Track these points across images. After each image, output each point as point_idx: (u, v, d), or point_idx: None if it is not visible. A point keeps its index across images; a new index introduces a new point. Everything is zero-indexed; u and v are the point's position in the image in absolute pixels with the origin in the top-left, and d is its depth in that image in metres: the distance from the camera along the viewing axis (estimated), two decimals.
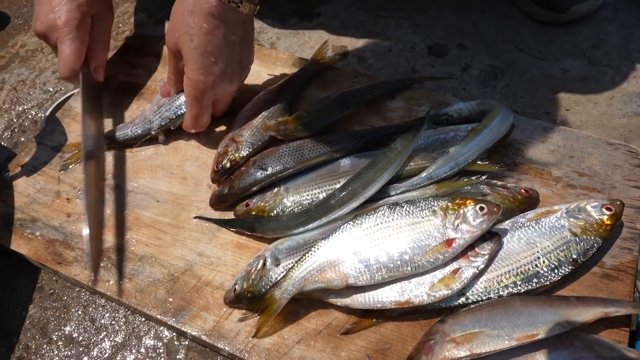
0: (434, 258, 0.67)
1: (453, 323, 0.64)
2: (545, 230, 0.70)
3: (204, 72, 0.76)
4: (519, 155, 0.83)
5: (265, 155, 0.82)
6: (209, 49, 0.74)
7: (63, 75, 0.88)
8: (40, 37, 0.89)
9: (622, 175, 0.80)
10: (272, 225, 0.76)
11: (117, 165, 0.89)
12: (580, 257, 0.69)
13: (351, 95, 0.88)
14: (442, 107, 0.88)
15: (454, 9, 1.16)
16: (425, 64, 1.07)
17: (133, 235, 0.81)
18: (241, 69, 0.82)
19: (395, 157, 0.76)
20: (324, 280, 0.68)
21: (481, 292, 0.68)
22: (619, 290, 0.69)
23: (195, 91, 0.79)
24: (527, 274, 0.68)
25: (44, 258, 0.79)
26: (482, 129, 0.79)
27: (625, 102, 0.98)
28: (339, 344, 0.68)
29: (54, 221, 0.83)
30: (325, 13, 1.18)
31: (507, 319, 0.63)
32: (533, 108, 0.99)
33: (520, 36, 1.10)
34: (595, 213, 0.71)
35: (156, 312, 0.73)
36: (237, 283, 0.71)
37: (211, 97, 0.81)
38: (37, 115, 1.05)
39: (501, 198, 0.74)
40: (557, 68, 1.04)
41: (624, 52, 1.05)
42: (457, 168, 0.77)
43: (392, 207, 0.70)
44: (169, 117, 0.88)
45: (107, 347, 0.76)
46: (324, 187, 0.78)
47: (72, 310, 0.80)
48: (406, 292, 0.67)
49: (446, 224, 0.68)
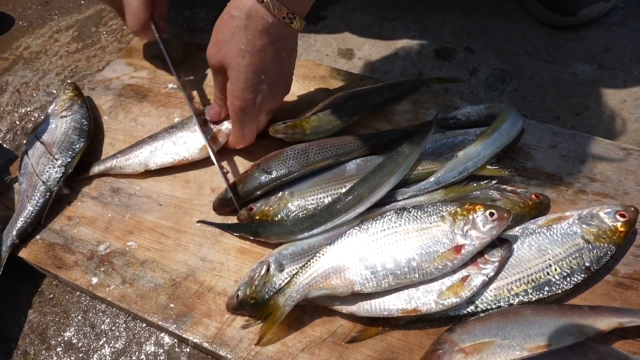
0: (443, 265, 0.65)
1: (462, 332, 0.62)
2: (557, 237, 0.69)
3: (253, 90, 0.74)
4: (529, 160, 0.81)
5: (270, 158, 0.80)
6: (261, 67, 0.72)
7: (133, 28, 0.87)
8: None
9: (635, 181, 0.78)
10: (276, 230, 0.74)
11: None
12: (593, 264, 0.67)
13: (361, 99, 0.87)
14: (449, 111, 0.87)
15: (461, 13, 1.14)
16: (433, 67, 1.06)
17: (134, 239, 0.79)
18: (285, 83, 0.80)
19: (403, 161, 0.74)
20: (329, 286, 0.66)
21: (491, 300, 0.66)
22: (633, 300, 0.67)
23: (242, 109, 0.76)
24: (538, 282, 0.66)
25: (43, 262, 0.78)
26: (492, 133, 0.78)
27: (637, 107, 0.96)
28: (344, 353, 0.66)
29: (55, 224, 0.82)
30: (331, 16, 1.17)
31: (518, 329, 0.61)
32: (542, 112, 0.97)
33: (529, 40, 1.08)
34: (609, 220, 0.69)
35: (157, 318, 0.71)
36: (240, 289, 0.70)
37: (256, 114, 0.78)
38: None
39: (511, 204, 0.72)
40: (566, 72, 1.02)
41: (635, 56, 1.03)
42: (466, 173, 0.75)
43: (399, 213, 0.69)
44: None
45: (107, 354, 0.74)
46: (330, 192, 0.77)
47: (72, 316, 0.78)
48: (413, 300, 0.66)
49: (455, 230, 0.66)
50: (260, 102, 0.76)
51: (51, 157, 0.84)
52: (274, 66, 0.74)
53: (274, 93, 0.78)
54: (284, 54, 0.74)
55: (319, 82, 0.95)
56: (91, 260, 0.78)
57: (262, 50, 0.71)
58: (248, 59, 0.71)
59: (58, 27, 1.22)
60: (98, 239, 0.80)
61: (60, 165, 0.84)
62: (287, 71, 0.78)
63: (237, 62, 0.72)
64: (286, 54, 0.75)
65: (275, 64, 0.74)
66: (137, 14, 0.86)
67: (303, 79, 0.96)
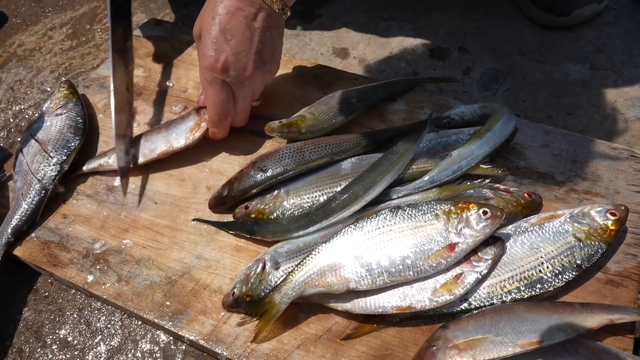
0: (437, 263, 0.66)
1: (456, 329, 0.63)
2: (549, 235, 0.69)
3: (217, 48, 0.75)
4: (522, 159, 0.82)
5: (265, 156, 0.81)
6: (227, 27, 0.74)
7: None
8: None
9: (625, 180, 0.79)
10: (271, 228, 0.75)
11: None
12: (585, 262, 0.68)
13: (356, 97, 0.87)
14: (443, 110, 0.87)
15: (455, 13, 1.15)
16: (427, 67, 1.07)
17: (130, 237, 0.79)
18: (259, 61, 0.78)
19: (397, 160, 0.75)
20: (325, 284, 0.67)
21: (484, 297, 0.67)
22: (623, 297, 0.68)
23: (207, 68, 0.77)
24: (530, 280, 0.67)
25: (39, 260, 0.78)
26: (485, 132, 0.78)
27: (628, 107, 0.97)
28: (339, 350, 0.67)
29: (50, 222, 0.82)
30: (327, 15, 1.18)
31: (511, 325, 0.62)
32: (535, 112, 0.98)
33: (523, 40, 1.09)
34: (600, 218, 0.70)
35: (153, 316, 0.72)
36: (235, 287, 0.70)
37: (221, 76, 0.77)
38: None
39: (504, 202, 0.73)
40: (559, 72, 1.03)
41: (626, 56, 1.04)
42: (459, 171, 0.76)
43: (394, 211, 0.69)
44: None
45: (103, 351, 0.75)
46: (325, 190, 0.77)
47: (67, 314, 0.78)
48: (408, 297, 0.66)
49: (449, 228, 0.67)
50: (224, 63, 0.76)
51: (46, 155, 0.84)
52: (240, 30, 0.75)
53: (241, 60, 0.76)
54: (256, 25, 0.75)
55: (313, 81, 0.95)
56: (86, 258, 0.78)
57: (230, 12, 0.74)
58: (217, 18, 0.75)
59: (52, 25, 1.22)
60: (93, 237, 0.80)
61: (55, 164, 0.84)
62: (258, 46, 0.77)
63: (208, 22, 0.75)
64: (258, 26, 0.75)
65: (243, 31, 0.75)
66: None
67: (298, 77, 0.96)
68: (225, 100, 0.80)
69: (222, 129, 0.83)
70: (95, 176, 0.87)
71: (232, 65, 0.76)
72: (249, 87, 0.80)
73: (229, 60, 0.76)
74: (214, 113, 0.81)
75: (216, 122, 0.82)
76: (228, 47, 0.75)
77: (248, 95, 0.82)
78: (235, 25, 0.75)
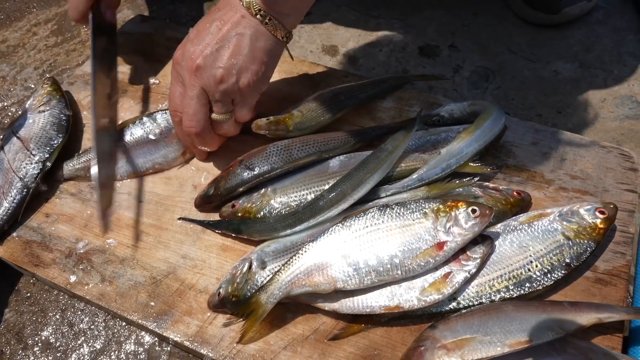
0: (425, 261, 0.65)
1: (444, 329, 0.62)
2: (537, 233, 0.69)
3: (190, 42, 0.72)
4: (511, 158, 0.82)
5: (252, 154, 0.79)
6: (200, 27, 0.72)
7: (72, 16, 0.88)
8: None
9: (614, 178, 0.79)
10: (258, 227, 0.74)
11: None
12: (574, 261, 0.67)
13: (345, 95, 0.86)
14: (433, 108, 0.87)
15: (445, 10, 1.14)
16: (417, 64, 1.06)
17: (114, 236, 0.78)
18: (229, 65, 0.70)
19: (386, 158, 0.74)
20: (312, 284, 0.66)
21: (473, 296, 0.66)
22: (612, 295, 0.68)
23: (182, 68, 0.72)
24: (519, 279, 0.66)
25: (20, 260, 0.76)
26: (475, 130, 0.78)
27: (617, 105, 0.97)
28: (326, 350, 0.66)
29: (32, 222, 0.80)
30: (316, 12, 1.16)
31: (500, 325, 0.61)
32: (525, 110, 0.98)
33: (513, 38, 1.09)
34: (589, 216, 0.69)
35: (137, 317, 0.70)
36: (221, 287, 0.69)
37: (199, 91, 0.72)
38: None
39: (493, 200, 0.73)
40: (549, 70, 1.03)
41: (615, 55, 1.04)
42: (448, 170, 0.75)
43: (382, 209, 0.68)
44: None
45: (86, 353, 0.73)
46: (313, 188, 0.76)
47: (49, 315, 0.77)
48: (396, 297, 0.66)
49: (437, 226, 0.66)
50: (197, 66, 0.70)
51: (28, 153, 0.83)
52: (207, 32, 0.71)
53: (215, 63, 0.70)
54: (224, 32, 0.70)
55: (302, 78, 0.94)
56: (69, 258, 0.76)
57: (209, 18, 0.72)
58: (200, 21, 0.73)
59: (37, 20, 1.20)
60: (77, 237, 0.78)
61: (37, 161, 0.82)
62: (233, 51, 0.70)
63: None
64: (227, 32, 0.70)
65: (208, 30, 0.71)
66: (76, 3, 0.86)
67: (286, 75, 0.95)
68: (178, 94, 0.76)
69: (203, 147, 0.81)
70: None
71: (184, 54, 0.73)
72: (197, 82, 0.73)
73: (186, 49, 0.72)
74: (193, 145, 0.81)
75: (196, 149, 0.82)
76: (192, 39, 0.72)
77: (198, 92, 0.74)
78: (206, 28, 0.71)
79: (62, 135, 0.86)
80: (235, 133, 0.80)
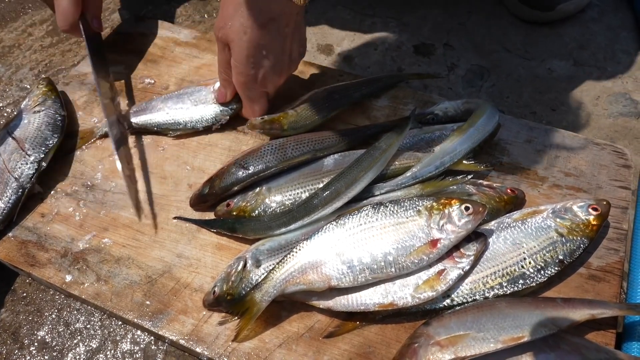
0: (419, 259, 0.65)
1: (438, 326, 0.62)
2: (531, 230, 0.69)
3: (254, 66, 0.75)
4: (505, 155, 0.82)
5: (247, 153, 0.80)
6: (262, 43, 0.73)
7: (63, 27, 0.89)
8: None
9: (608, 175, 0.79)
10: (253, 225, 0.74)
11: (92, 164, 0.86)
12: (567, 258, 0.68)
13: (339, 94, 0.86)
14: (427, 107, 0.87)
15: (440, 9, 1.15)
16: (411, 63, 1.06)
17: (110, 236, 0.78)
18: (290, 61, 0.80)
19: (380, 156, 0.74)
20: (306, 282, 0.66)
21: (466, 293, 0.66)
22: (605, 292, 0.68)
23: (244, 84, 0.78)
24: (513, 275, 0.67)
25: (16, 260, 0.76)
26: (468, 128, 0.78)
27: (611, 103, 0.97)
28: (321, 348, 0.66)
29: (27, 221, 0.80)
30: (312, 11, 1.17)
31: (493, 322, 0.61)
32: (519, 108, 0.98)
33: (507, 36, 1.09)
34: (582, 213, 0.70)
35: (133, 316, 0.71)
36: (216, 285, 0.69)
37: (260, 88, 0.80)
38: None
39: (487, 198, 0.73)
40: (543, 68, 1.03)
41: (609, 52, 1.04)
42: (442, 167, 0.76)
43: (376, 207, 0.69)
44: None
45: (82, 352, 0.73)
46: (307, 187, 0.76)
47: (45, 314, 0.77)
48: (390, 294, 0.66)
49: (431, 224, 0.66)
50: (263, 77, 0.77)
51: (23, 153, 0.83)
52: (276, 42, 0.74)
53: (277, 69, 0.78)
54: (287, 30, 0.74)
55: (297, 77, 0.94)
56: (65, 258, 0.76)
57: (262, 26, 0.72)
58: (249, 34, 0.72)
59: (32, 21, 1.20)
60: (72, 236, 0.78)
61: (33, 162, 0.82)
62: (290, 47, 0.77)
63: (239, 37, 0.72)
64: (289, 30, 0.75)
65: (276, 40, 0.74)
66: (65, 14, 0.88)
67: None
68: (257, 100, 0.82)
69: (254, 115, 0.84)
70: (74, 175, 0.85)
71: (269, 78, 0.78)
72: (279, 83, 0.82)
73: (267, 74, 0.77)
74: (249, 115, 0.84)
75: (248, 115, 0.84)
76: (266, 62, 0.76)
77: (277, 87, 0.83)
78: (271, 39, 0.73)
79: (57, 136, 0.86)
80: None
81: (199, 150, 0.86)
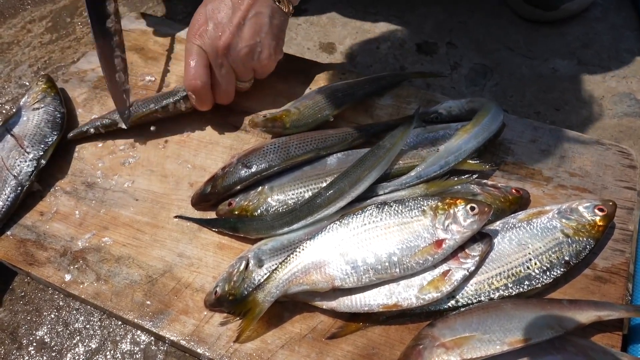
0: (423, 259, 0.65)
1: (443, 327, 0.62)
2: (536, 231, 0.69)
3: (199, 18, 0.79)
4: (510, 155, 0.81)
5: (250, 152, 0.79)
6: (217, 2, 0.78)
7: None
8: None
9: (613, 175, 0.78)
10: (255, 225, 0.73)
11: (92, 162, 0.85)
12: (573, 259, 0.67)
13: (342, 92, 0.86)
14: (431, 106, 0.86)
15: (443, 8, 1.14)
16: (414, 61, 1.05)
17: (110, 235, 0.77)
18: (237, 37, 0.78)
19: (384, 155, 0.74)
20: (309, 282, 0.65)
21: (472, 294, 0.66)
22: (611, 293, 0.68)
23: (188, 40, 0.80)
24: (518, 276, 0.66)
25: (14, 259, 0.76)
26: (473, 128, 0.77)
27: (615, 103, 0.97)
28: (324, 349, 0.65)
29: (26, 220, 0.79)
30: (313, 9, 1.16)
31: (499, 323, 0.61)
32: (523, 107, 0.97)
33: (510, 35, 1.08)
34: (588, 214, 0.69)
35: (133, 316, 0.70)
36: (218, 285, 0.68)
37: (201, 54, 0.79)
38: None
39: (492, 198, 0.72)
40: (546, 67, 1.03)
41: (613, 52, 1.04)
42: (447, 167, 0.75)
43: (380, 207, 0.68)
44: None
45: (81, 352, 0.72)
46: (310, 186, 0.76)
47: (44, 314, 0.76)
48: (394, 295, 0.65)
49: (436, 224, 0.66)
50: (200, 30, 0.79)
51: (22, 151, 0.82)
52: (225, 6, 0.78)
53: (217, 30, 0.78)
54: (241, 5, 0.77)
55: (299, 75, 0.94)
56: (64, 257, 0.75)
57: None
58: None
59: (31, 17, 1.19)
60: (72, 235, 0.77)
61: (32, 159, 0.81)
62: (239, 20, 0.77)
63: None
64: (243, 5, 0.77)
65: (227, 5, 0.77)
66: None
67: (283, 72, 0.94)
68: (198, 66, 0.80)
69: (201, 98, 0.83)
70: (74, 172, 0.84)
71: (207, 32, 0.78)
72: (225, 61, 0.80)
73: (206, 27, 0.78)
74: (187, 77, 0.81)
75: (191, 87, 0.81)
76: (210, 17, 0.78)
77: (227, 70, 0.81)
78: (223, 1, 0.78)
79: (56, 133, 0.85)
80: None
81: (200, 149, 0.86)
